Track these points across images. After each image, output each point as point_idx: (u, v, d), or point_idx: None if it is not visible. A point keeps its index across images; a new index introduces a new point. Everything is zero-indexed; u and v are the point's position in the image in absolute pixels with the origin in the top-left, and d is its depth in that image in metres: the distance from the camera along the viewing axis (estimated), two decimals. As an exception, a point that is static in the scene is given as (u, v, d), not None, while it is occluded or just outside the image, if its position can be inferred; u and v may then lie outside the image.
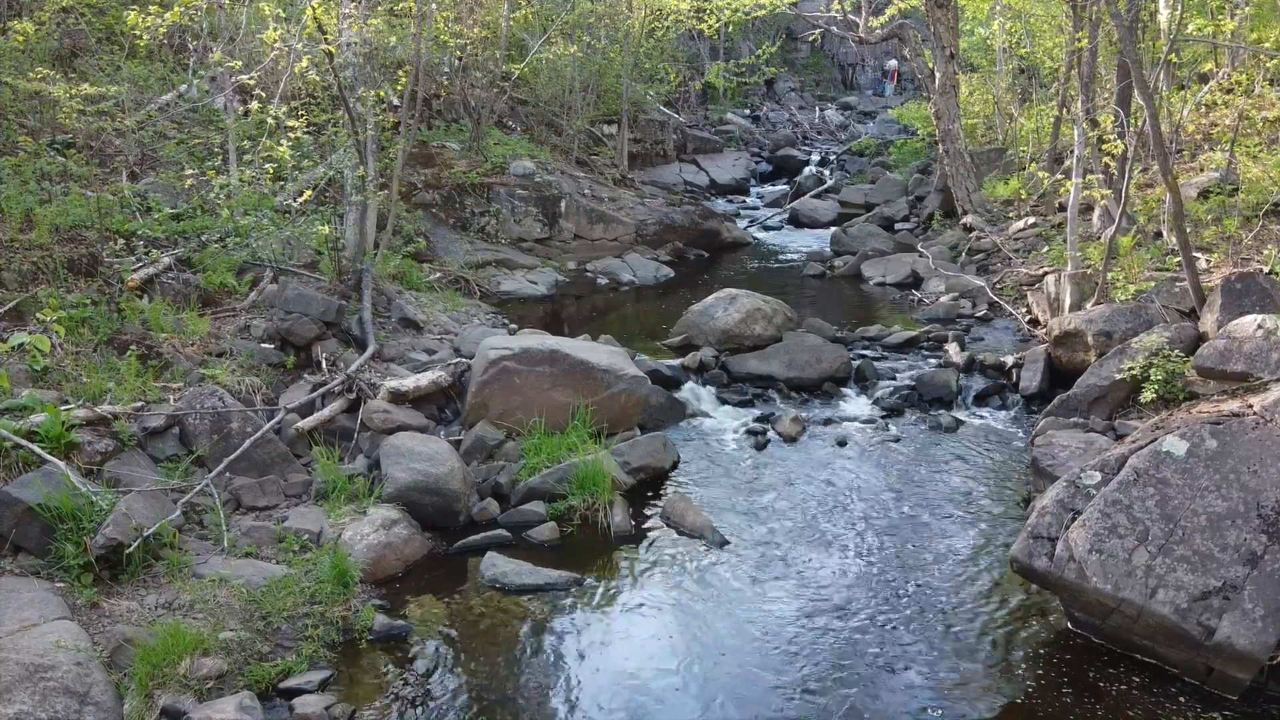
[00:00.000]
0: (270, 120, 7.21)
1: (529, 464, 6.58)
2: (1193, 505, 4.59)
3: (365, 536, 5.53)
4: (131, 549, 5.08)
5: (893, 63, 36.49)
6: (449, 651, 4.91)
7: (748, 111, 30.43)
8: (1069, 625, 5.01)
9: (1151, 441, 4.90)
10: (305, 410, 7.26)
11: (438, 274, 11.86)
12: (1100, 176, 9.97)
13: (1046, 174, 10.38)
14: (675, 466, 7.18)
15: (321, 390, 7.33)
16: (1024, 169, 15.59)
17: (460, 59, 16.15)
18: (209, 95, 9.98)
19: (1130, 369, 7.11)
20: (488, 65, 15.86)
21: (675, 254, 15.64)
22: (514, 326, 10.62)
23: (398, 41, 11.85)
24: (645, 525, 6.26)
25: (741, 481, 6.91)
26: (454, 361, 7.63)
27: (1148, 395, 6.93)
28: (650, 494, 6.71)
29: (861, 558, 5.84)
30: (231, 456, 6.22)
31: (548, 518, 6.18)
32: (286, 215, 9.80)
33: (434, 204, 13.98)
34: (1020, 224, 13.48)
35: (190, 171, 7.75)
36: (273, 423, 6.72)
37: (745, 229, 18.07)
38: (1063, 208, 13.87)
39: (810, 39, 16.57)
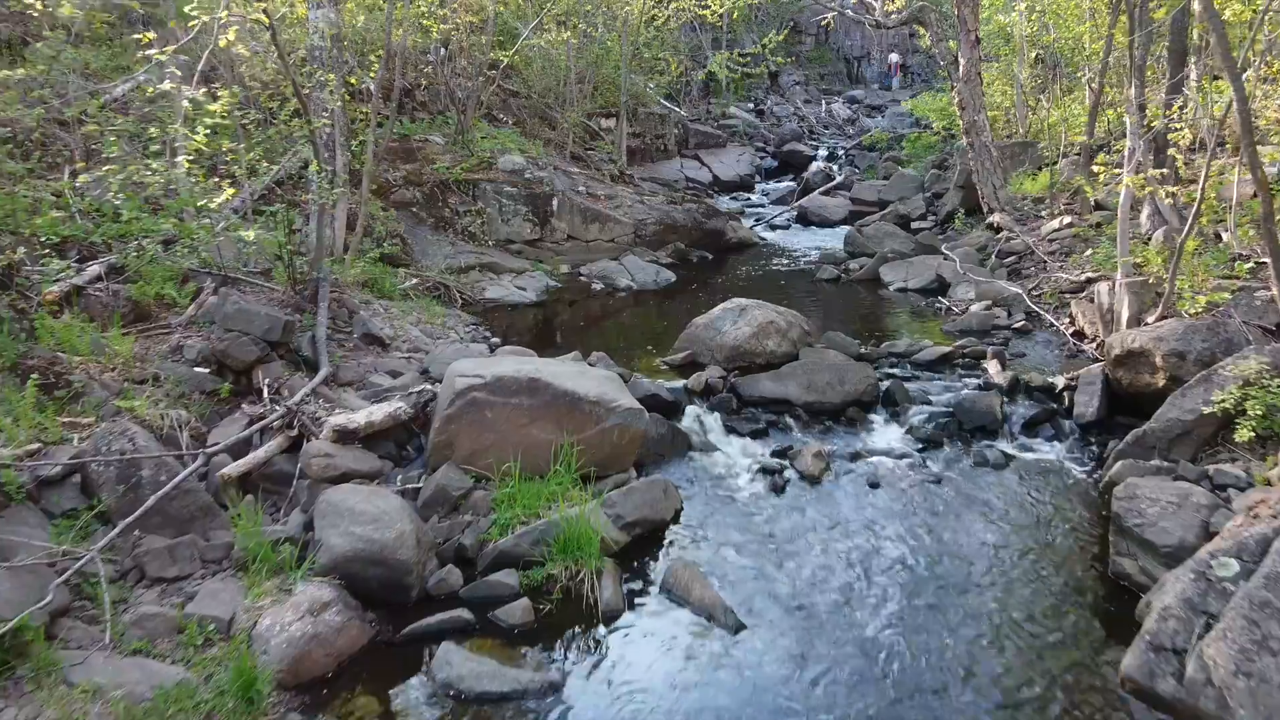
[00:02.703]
0: (185, 104, 6.06)
1: (500, 519, 5.43)
2: (1368, 607, 3.45)
3: (287, 626, 4.38)
4: (-24, 653, 3.94)
5: (895, 56, 35.45)
6: (384, 791, 3.77)
7: (752, 105, 29.32)
8: (1191, 752, 3.87)
9: (1302, 516, 3.75)
10: (239, 450, 6.11)
11: (414, 280, 10.71)
12: (1162, 171, 8.78)
13: (1105, 167, 9.20)
14: (677, 517, 6.03)
15: (258, 425, 6.18)
16: (1054, 164, 14.43)
17: (446, 47, 15.01)
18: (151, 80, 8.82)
19: (1222, 401, 5.95)
20: (474, 53, 14.69)
21: (677, 256, 14.49)
22: (495, 340, 9.48)
23: (366, 21, 10.67)
24: (641, 601, 5.09)
25: (758, 538, 5.76)
26: (417, 389, 6.47)
27: (1243, 434, 5.76)
28: (648, 555, 5.55)
29: (909, 648, 4.68)
30: (129, 519, 5.07)
31: (521, 591, 5.02)
32: (233, 216, 8.66)
33: (414, 202, 12.82)
34: (1054, 224, 12.32)
35: (108, 168, 6.57)
36: (190, 470, 5.56)
37: (751, 228, 16.92)
38: (1099, 206, 12.71)
39: (823, 22, 15.37)
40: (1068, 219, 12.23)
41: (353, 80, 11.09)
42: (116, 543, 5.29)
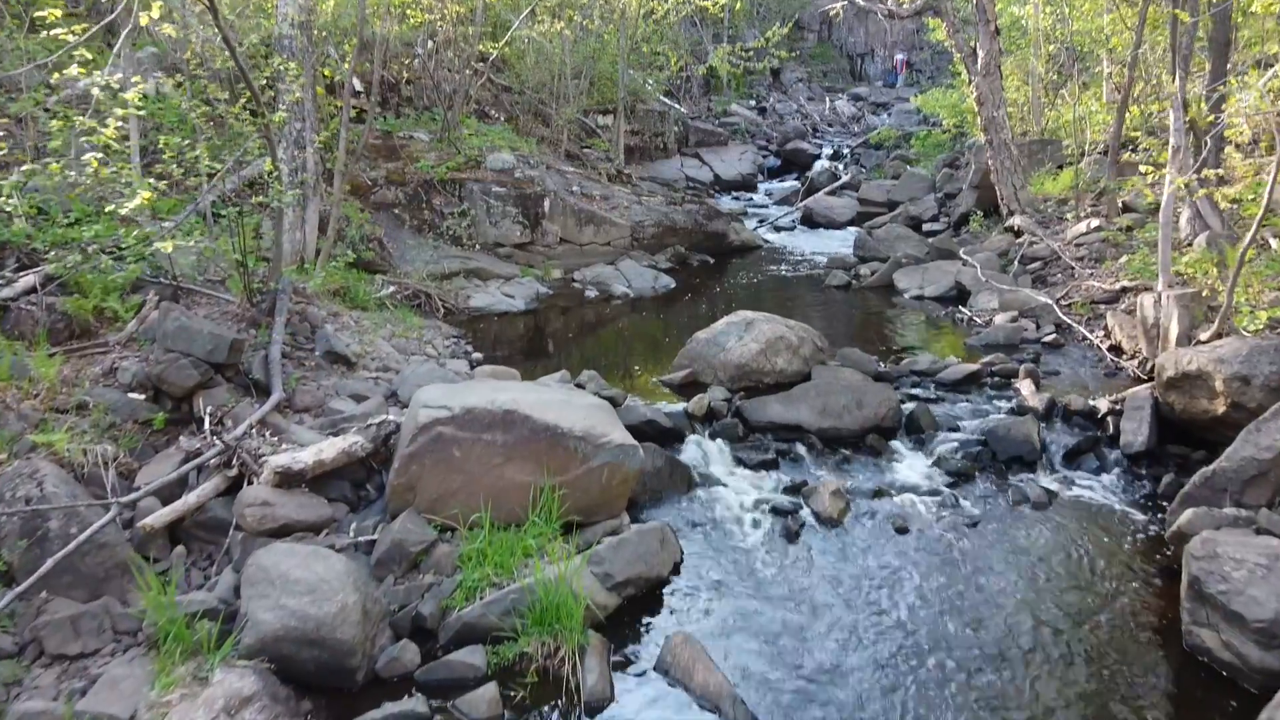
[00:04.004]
0: (96, 91, 5.24)
1: (467, 581, 4.60)
2: None
3: (196, 730, 3.57)
4: None
5: (901, 55, 34.73)
6: None
7: (753, 102, 28.52)
8: None
9: None
10: (172, 491, 5.30)
11: (392, 288, 9.89)
12: (1217, 172, 7.96)
13: (1151, 168, 8.36)
14: (677, 570, 5.21)
15: (193, 463, 5.36)
16: (1076, 163, 13.60)
17: (433, 38, 14.19)
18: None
19: (1306, 437, 5.14)
20: (461, 44, 13.87)
21: (676, 259, 13.69)
22: (477, 356, 8.66)
23: (340, 7, 9.84)
24: (633, 685, 4.26)
25: (770, 600, 4.93)
26: (377, 420, 5.64)
27: (1333, 475, 4.97)
28: (642, 623, 4.73)
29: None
30: (21, 587, 4.25)
31: (488, 673, 4.20)
32: (195, 220, 7.84)
33: (396, 203, 12.00)
34: (1081, 227, 11.50)
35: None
36: (104, 521, 4.73)
37: (754, 230, 16.12)
38: (1128, 208, 11.92)
39: (831, 12, 14.55)
40: (1095, 222, 11.41)
41: (327, 72, 10.28)
42: (16, 608, 4.51)
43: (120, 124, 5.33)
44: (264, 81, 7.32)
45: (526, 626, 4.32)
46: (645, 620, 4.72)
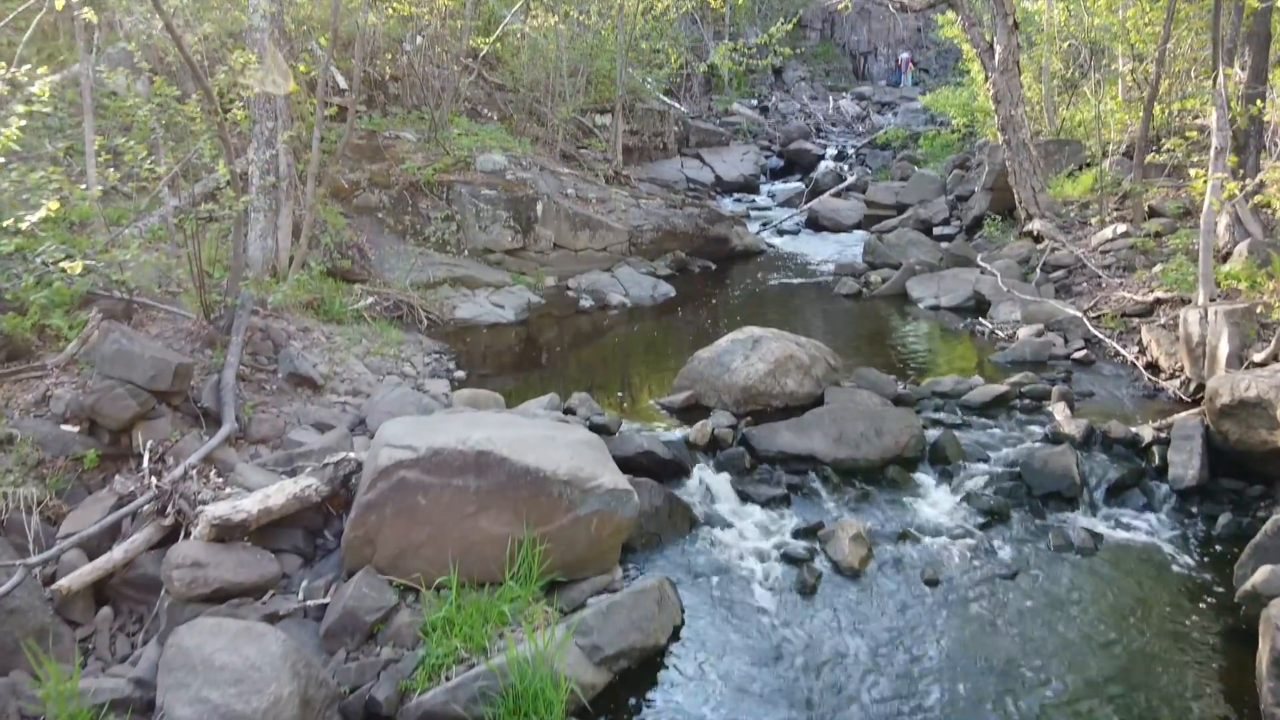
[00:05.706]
0: (0, 87, 4.58)
1: (431, 657, 3.93)
2: None
3: None
4: None
5: (905, 54, 34.13)
6: None
7: (755, 102, 27.82)
8: None
9: None
10: (102, 543, 4.65)
11: (371, 298, 9.22)
12: (1269, 175, 7.30)
13: (1200, 173, 7.69)
14: (677, 635, 4.53)
15: (126, 509, 4.70)
16: (1098, 164, 12.91)
17: (422, 34, 13.53)
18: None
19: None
20: (449, 39, 13.20)
21: (677, 265, 13.04)
22: (460, 375, 8.01)
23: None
24: (623, 790, 3.62)
25: (786, 672, 4.26)
26: (336, 459, 4.97)
27: None
28: (636, 704, 4.05)
29: None
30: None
31: (453, 777, 3.54)
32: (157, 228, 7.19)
33: (379, 207, 11.34)
34: (1107, 233, 10.81)
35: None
36: (12, 583, 4.07)
37: (757, 234, 15.45)
38: (1154, 212, 11.25)
39: (839, 7, 13.92)
40: (1122, 227, 10.73)
41: (303, 68, 9.62)
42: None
43: (23, 122, 4.65)
44: (223, 76, 6.64)
45: (499, 717, 3.65)
46: (640, 703, 4.04)
